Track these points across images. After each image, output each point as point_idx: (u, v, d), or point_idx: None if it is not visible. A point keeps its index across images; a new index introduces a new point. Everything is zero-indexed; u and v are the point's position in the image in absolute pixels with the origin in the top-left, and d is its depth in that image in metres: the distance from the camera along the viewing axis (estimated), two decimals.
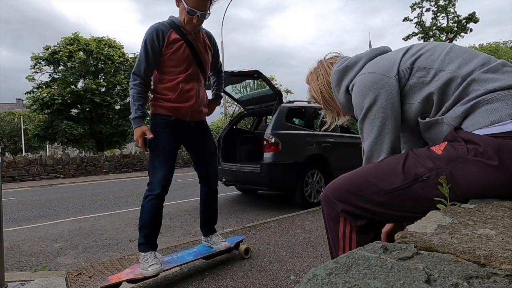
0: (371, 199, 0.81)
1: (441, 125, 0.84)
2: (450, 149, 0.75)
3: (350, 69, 1.02)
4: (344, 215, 0.86)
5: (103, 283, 1.63)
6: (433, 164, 0.75)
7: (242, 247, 2.20)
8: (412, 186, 0.76)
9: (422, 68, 0.86)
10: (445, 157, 0.74)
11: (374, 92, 0.90)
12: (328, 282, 0.35)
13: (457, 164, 0.72)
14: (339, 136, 4.62)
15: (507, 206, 0.62)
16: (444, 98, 0.83)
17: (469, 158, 0.71)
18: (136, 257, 2.22)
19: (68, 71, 17.45)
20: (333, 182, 0.91)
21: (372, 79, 0.92)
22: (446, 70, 0.82)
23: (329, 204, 0.89)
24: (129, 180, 9.30)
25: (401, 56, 0.91)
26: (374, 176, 0.82)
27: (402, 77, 0.89)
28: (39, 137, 17.36)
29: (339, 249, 0.89)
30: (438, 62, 0.84)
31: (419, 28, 22.25)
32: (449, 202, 0.67)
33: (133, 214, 4.11)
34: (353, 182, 0.85)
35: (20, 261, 2.50)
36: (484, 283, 0.33)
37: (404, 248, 0.44)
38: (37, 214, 4.41)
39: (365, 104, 0.92)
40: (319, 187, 4.12)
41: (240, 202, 4.62)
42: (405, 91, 0.89)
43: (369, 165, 0.89)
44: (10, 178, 10.18)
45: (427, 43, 0.93)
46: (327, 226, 0.93)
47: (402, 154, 0.84)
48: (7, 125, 28.54)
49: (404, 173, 0.78)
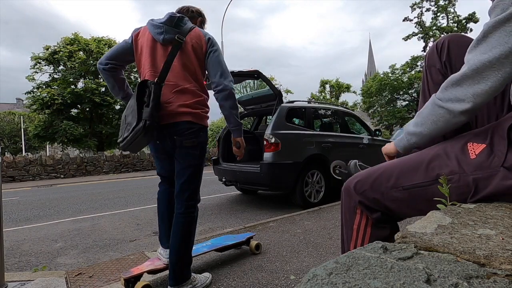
0: (389, 194, 0.79)
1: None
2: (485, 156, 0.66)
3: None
4: (361, 207, 0.84)
5: (126, 275, 1.68)
6: (459, 167, 0.69)
7: (253, 243, 2.27)
8: (432, 185, 0.73)
9: None
10: (475, 163, 0.67)
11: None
12: (328, 282, 0.35)
13: (485, 174, 0.65)
14: (339, 136, 4.63)
15: (507, 206, 0.62)
16: None
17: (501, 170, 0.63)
18: (136, 257, 2.23)
19: (68, 71, 17.44)
20: (356, 174, 0.88)
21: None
22: None
23: (348, 195, 0.87)
24: (129, 180, 9.30)
25: None
26: (397, 171, 0.79)
27: None
28: (39, 137, 17.34)
29: (352, 241, 0.86)
30: None
31: (419, 28, 22.25)
32: (449, 202, 0.67)
33: (133, 214, 4.12)
34: (375, 175, 0.83)
35: (20, 261, 2.50)
36: (484, 283, 0.33)
37: (404, 248, 0.44)
38: (37, 214, 4.41)
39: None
40: (319, 187, 4.11)
41: (240, 202, 4.62)
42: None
43: (393, 160, 0.85)
44: (10, 178, 10.18)
45: None
46: (342, 217, 0.90)
47: (431, 149, 0.77)
48: (7, 125, 28.53)
49: (427, 171, 0.74)
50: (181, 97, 1.60)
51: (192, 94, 1.62)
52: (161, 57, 1.60)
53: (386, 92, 23.54)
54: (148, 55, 1.61)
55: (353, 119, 5.55)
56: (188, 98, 1.61)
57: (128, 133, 1.50)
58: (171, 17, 1.62)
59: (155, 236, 3.04)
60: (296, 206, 3.93)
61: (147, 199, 5.34)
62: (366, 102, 25.82)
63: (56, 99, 16.17)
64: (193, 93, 1.63)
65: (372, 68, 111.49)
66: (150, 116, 1.46)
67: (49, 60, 17.25)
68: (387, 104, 24.22)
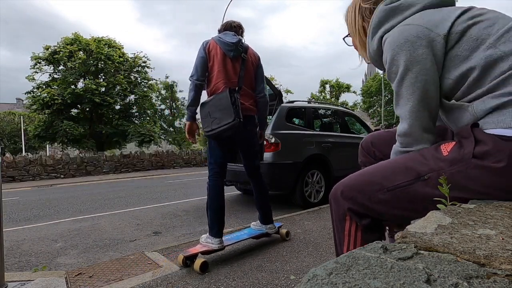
0: (375, 197, 0.82)
1: (464, 112, 0.75)
2: (456, 150, 0.73)
3: (399, 13, 0.83)
4: (350, 213, 0.87)
5: (185, 254, 2.02)
6: (436, 165, 0.74)
7: (283, 231, 2.56)
8: (413, 184, 0.77)
9: (475, 38, 0.72)
10: (449, 159, 0.73)
11: (416, 49, 0.75)
12: (328, 282, 0.35)
13: (460, 167, 0.71)
14: (339, 136, 4.63)
15: (507, 206, 0.62)
16: (480, 81, 0.72)
17: (473, 161, 0.69)
18: (136, 257, 2.23)
19: (68, 71, 17.42)
20: (341, 181, 0.91)
21: (415, 33, 0.75)
22: (498, 50, 0.69)
23: (336, 202, 0.90)
24: (129, 180, 9.30)
25: (457, 17, 0.75)
26: (380, 175, 0.83)
27: (450, 40, 0.74)
28: (39, 137, 17.33)
29: (344, 245, 0.90)
30: (493, 37, 0.70)
31: None
32: (449, 202, 0.67)
33: (133, 214, 4.12)
34: (360, 180, 0.87)
35: (20, 261, 2.50)
36: (484, 283, 0.33)
37: (404, 248, 0.44)
38: (37, 214, 4.41)
39: (403, 62, 0.76)
40: (319, 187, 4.11)
41: (240, 202, 4.62)
42: (445, 60, 0.75)
43: (375, 165, 0.89)
44: (10, 178, 10.18)
45: (489, 10, 0.77)
46: (333, 224, 0.94)
47: (408, 153, 0.84)
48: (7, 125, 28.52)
49: (407, 171, 0.78)
50: (248, 99, 2.20)
51: (253, 97, 2.26)
52: (231, 68, 2.13)
53: (386, 92, 23.55)
54: (221, 66, 2.10)
55: (353, 119, 5.55)
56: (251, 98, 2.24)
57: (218, 126, 2.01)
58: (239, 40, 2.14)
59: (155, 236, 3.04)
60: (296, 206, 3.93)
61: (147, 199, 5.34)
62: (366, 102, 25.81)
63: (56, 99, 16.16)
64: (253, 96, 2.26)
65: (372, 68, 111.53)
66: (239, 115, 1.99)
67: (49, 60, 17.24)
68: (387, 104, 24.22)
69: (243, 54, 2.15)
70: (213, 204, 2.13)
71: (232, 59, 2.12)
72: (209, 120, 2.06)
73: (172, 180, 8.55)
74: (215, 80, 2.10)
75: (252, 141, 2.30)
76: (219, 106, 2.03)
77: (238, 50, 2.12)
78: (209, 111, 2.07)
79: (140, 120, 20.52)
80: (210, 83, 2.13)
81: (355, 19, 0.95)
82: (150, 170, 12.76)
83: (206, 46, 2.11)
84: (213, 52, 2.10)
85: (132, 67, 19.39)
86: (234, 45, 2.10)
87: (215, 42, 2.12)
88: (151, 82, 20.56)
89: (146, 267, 2.05)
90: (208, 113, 2.07)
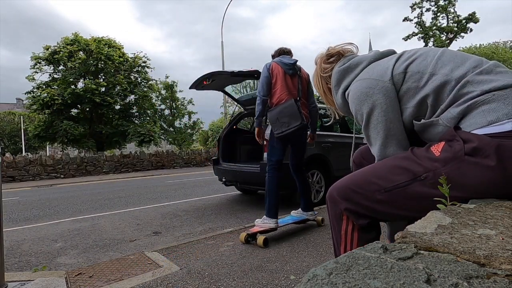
0: (373, 197, 0.84)
1: (436, 126, 0.85)
2: (447, 150, 0.76)
3: (350, 71, 1.02)
4: (347, 213, 0.89)
5: (250, 231, 2.49)
6: (430, 165, 0.77)
7: (319, 218, 2.97)
8: (411, 184, 0.79)
9: (416, 72, 0.87)
10: (442, 158, 0.76)
11: (371, 97, 0.91)
12: (328, 282, 0.35)
13: (454, 165, 0.73)
14: (339, 136, 4.62)
15: (507, 206, 0.62)
16: (438, 100, 0.84)
17: (466, 158, 0.71)
18: (136, 257, 2.23)
19: (68, 71, 17.42)
20: (338, 182, 0.94)
21: (367, 85, 0.92)
22: (440, 74, 0.83)
23: (333, 202, 0.92)
24: (129, 180, 9.30)
25: (394, 62, 0.92)
26: (376, 175, 0.85)
27: (396, 81, 0.90)
28: (39, 137, 17.33)
29: (341, 245, 0.92)
30: (431, 66, 0.85)
31: (419, 28, 22.23)
32: (449, 202, 0.67)
33: (133, 214, 4.12)
34: (356, 181, 0.89)
35: (20, 261, 2.50)
36: (484, 283, 0.33)
37: (404, 248, 0.44)
38: (37, 214, 4.41)
39: (365, 111, 0.92)
40: (319, 187, 4.11)
41: (240, 202, 4.62)
42: (400, 95, 0.90)
43: (371, 165, 0.91)
44: (10, 178, 10.18)
45: (418, 49, 0.94)
46: (331, 224, 0.96)
47: (403, 154, 0.86)
48: (7, 125, 28.53)
49: (404, 171, 0.80)
50: (305, 108, 2.72)
51: (307, 106, 2.77)
52: (290, 83, 2.63)
53: None
54: (283, 82, 2.60)
55: (353, 119, 5.54)
56: (306, 108, 2.76)
57: (288, 128, 2.49)
58: (296, 61, 2.70)
59: (155, 236, 3.04)
60: (296, 206, 3.93)
61: (147, 199, 5.34)
62: None
63: (56, 99, 16.16)
64: (307, 106, 2.78)
65: None
66: (303, 119, 2.51)
67: (49, 60, 17.24)
68: None
69: (298, 72, 2.69)
70: (271, 192, 2.63)
71: (291, 76, 2.64)
72: (279, 124, 2.53)
73: (172, 180, 8.54)
74: (279, 92, 2.59)
75: (304, 142, 2.82)
76: (287, 113, 2.51)
77: (295, 69, 2.66)
78: (277, 117, 2.54)
79: (140, 120, 20.52)
80: (275, 95, 2.61)
81: (321, 84, 1.15)
82: (150, 170, 12.76)
83: (269, 67, 2.62)
84: (275, 72, 2.62)
85: (132, 67, 19.39)
86: (292, 65, 2.64)
87: (277, 64, 2.64)
88: (151, 82, 20.56)
89: (146, 267, 2.06)
90: (277, 118, 2.54)
